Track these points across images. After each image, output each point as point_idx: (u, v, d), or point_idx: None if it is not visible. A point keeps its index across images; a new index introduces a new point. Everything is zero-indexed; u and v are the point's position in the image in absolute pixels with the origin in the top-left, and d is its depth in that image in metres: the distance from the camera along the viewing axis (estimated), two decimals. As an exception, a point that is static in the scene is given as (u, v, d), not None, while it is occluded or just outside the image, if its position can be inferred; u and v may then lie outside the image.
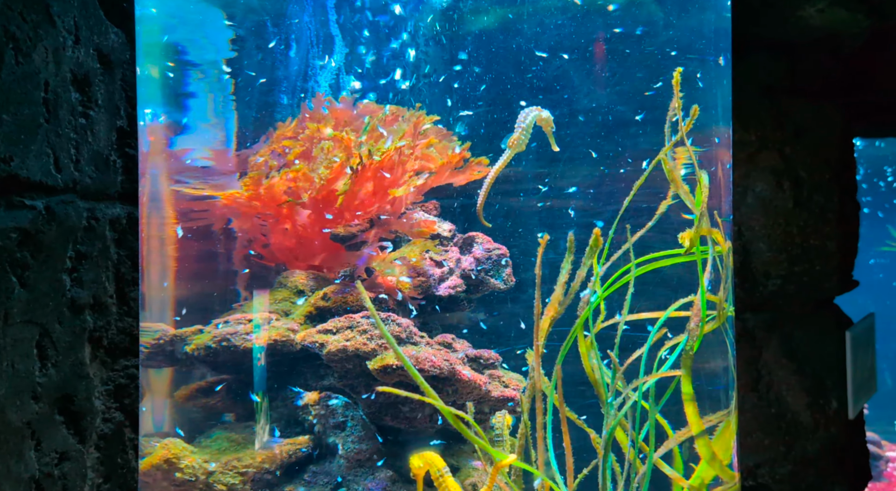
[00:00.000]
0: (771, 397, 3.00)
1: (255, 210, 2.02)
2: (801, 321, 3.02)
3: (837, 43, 2.94)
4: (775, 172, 2.97)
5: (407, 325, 1.80)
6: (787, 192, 2.98)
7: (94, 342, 1.97)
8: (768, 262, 3.01)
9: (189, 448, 1.81)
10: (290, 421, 1.89)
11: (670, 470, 1.86)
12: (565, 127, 2.28)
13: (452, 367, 1.71)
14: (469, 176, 2.03)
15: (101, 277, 1.97)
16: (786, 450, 2.97)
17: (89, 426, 1.92)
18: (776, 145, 2.97)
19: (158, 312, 1.99)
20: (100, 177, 1.95)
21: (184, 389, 2.01)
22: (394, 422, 1.81)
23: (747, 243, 3.03)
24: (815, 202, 3.02)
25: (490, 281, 2.06)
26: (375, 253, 1.96)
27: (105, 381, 2.02)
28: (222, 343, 1.83)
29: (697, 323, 1.76)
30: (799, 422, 2.97)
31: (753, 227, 3.01)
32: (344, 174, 1.91)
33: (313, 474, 1.82)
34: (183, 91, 1.99)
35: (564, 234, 1.72)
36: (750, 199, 3.02)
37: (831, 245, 3.04)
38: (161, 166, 1.99)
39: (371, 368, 1.73)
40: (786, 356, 3.01)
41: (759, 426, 2.97)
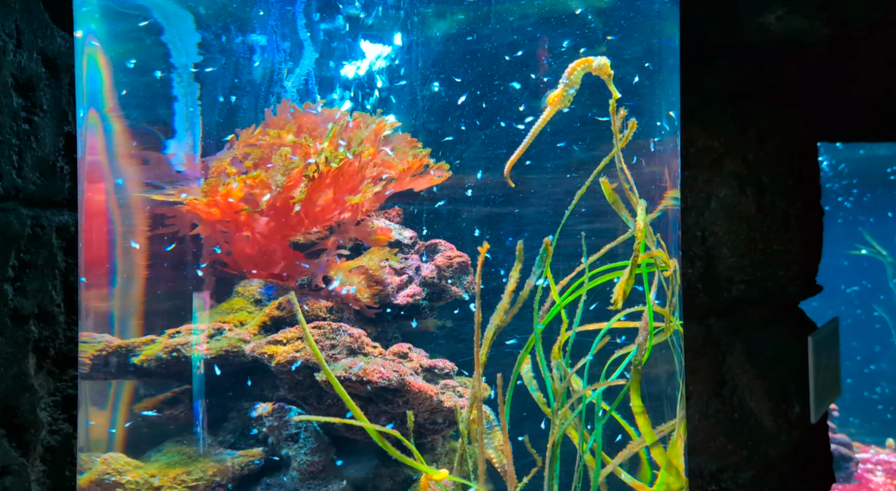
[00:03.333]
0: (734, 402, 3.01)
1: (214, 217, 1.97)
2: (765, 326, 3.04)
3: (799, 50, 2.97)
4: (739, 178, 2.99)
5: (359, 335, 1.77)
6: (751, 197, 3.00)
7: (40, 353, 1.91)
8: (732, 267, 3.03)
9: (133, 462, 1.76)
10: (244, 433, 1.85)
11: (630, 478, 1.85)
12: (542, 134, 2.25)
13: (402, 378, 1.68)
14: (429, 181, 2.01)
15: (46, 286, 1.91)
16: (749, 455, 2.99)
17: (33, 439, 1.87)
18: (740, 151, 2.99)
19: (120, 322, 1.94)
20: (45, 183, 1.90)
21: (147, 401, 1.96)
22: (348, 433, 1.78)
23: (711, 249, 3.04)
24: (777, 208, 3.04)
25: (451, 289, 2.03)
26: (333, 261, 1.92)
27: (52, 392, 1.96)
28: (173, 354, 1.78)
29: (646, 336, 1.75)
30: (762, 426, 2.99)
31: (717, 233, 3.02)
32: (301, 181, 1.87)
33: (267, 487, 1.78)
34: (171, 94, 1.95)
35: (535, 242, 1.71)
36: (714, 205, 3.03)
37: (794, 250, 3.07)
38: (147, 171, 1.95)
39: (320, 380, 1.70)
40: (749, 361, 3.03)
41: (722, 431, 2.98)
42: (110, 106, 1.91)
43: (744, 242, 3.00)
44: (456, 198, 2.12)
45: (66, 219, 1.98)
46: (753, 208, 3.01)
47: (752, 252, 3.01)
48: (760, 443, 2.97)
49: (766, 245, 3.04)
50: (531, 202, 2.21)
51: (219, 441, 1.83)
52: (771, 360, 3.02)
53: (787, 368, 3.01)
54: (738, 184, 3.00)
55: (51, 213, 1.93)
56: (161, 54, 1.97)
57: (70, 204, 2.00)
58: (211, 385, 1.84)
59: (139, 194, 1.89)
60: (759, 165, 3.01)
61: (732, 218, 3.00)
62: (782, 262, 3.03)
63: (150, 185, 1.93)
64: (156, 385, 1.92)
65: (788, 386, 3.00)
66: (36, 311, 1.88)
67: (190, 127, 1.99)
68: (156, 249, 1.94)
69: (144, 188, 1.92)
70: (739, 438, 2.96)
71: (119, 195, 1.93)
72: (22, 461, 1.83)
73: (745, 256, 3.01)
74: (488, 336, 1.52)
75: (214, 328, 1.83)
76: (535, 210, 2.21)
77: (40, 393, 1.90)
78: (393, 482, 1.88)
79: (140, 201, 1.94)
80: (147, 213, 1.93)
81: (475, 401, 1.49)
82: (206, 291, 1.99)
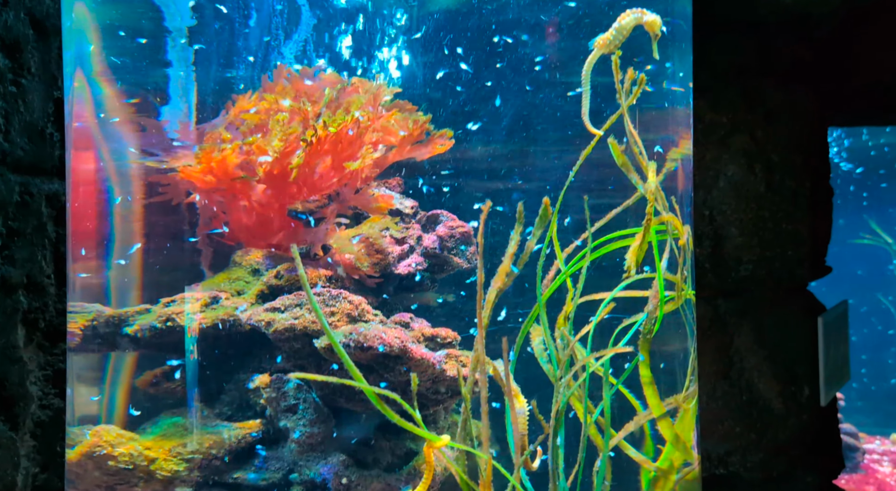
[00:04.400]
0: (742, 385, 2.95)
1: (210, 184, 1.91)
2: (773, 307, 2.98)
3: (809, 24, 2.90)
4: (747, 155, 2.93)
5: (359, 303, 1.71)
6: (759, 175, 2.93)
7: (29, 325, 1.85)
8: (740, 247, 2.96)
9: (127, 435, 1.70)
10: (242, 404, 1.79)
11: (635, 453, 1.79)
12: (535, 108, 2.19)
13: (403, 344, 1.62)
14: (432, 150, 1.94)
15: (36, 255, 1.85)
16: (757, 437, 2.93)
17: (23, 413, 1.81)
18: (748, 128, 2.93)
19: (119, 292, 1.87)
20: (34, 150, 1.83)
21: (147, 374, 1.89)
22: (348, 404, 1.72)
23: (719, 228, 2.98)
24: (786, 187, 2.98)
25: (454, 260, 1.97)
26: (332, 230, 1.86)
27: (42, 366, 1.90)
28: (167, 323, 1.72)
29: (656, 305, 1.69)
30: (771, 409, 2.93)
31: (725, 212, 2.96)
32: (299, 147, 1.81)
33: (264, 460, 1.72)
34: (164, 59, 1.88)
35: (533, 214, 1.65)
36: (722, 183, 2.96)
37: (803, 230, 3.00)
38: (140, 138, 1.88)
39: (318, 347, 1.63)
40: (757, 343, 2.97)
41: (730, 414, 2.92)
42: (99, 70, 1.85)
43: (752, 222, 2.94)
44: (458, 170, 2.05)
45: (57, 188, 1.92)
46: (762, 187, 2.94)
47: (760, 232, 2.95)
48: (769, 426, 2.90)
49: (775, 224, 2.97)
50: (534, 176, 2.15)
51: (215, 413, 1.77)
52: (779, 342, 2.96)
53: (796, 350, 2.94)
54: (747, 162, 2.93)
55: (40, 181, 1.87)
56: (153, 17, 1.90)
57: (60, 173, 1.94)
58: (207, 356, 1.77)
59: (132, 161, 1.82)
60: (768, 143, 2.95)
61: (741, 196, 2.93)
62: (791, 242, 2.97)
63: (143, 152, 1.86)
64: (151, 358, 1.86)
65: (797, 368, 2.94)
66: (25, 281, 1.82)
67: (184, 93, 1.93)
68: (151, 219, 1.88)
69: (137, 155, 1.86)
70: (748, 420, 2.90)
71: (111, 163, 1.87)
72: (11, 436, 1.77)
73: (753, 236, 2.95)
74: (490, 298, 1.46)
75: (210, 297, 1.77)
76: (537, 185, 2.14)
77: (30, 366, 1.84)
78: (393, 456, 1.82)
79: (133, 169, 1.87)
80: (142, 181, 1.87)
81: (478, 364, 1.42)
82: (204, 262, 1.93)
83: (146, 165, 1.89)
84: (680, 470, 1.86)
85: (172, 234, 1.90)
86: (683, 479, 1.91)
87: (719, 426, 2.90)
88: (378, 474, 1.75)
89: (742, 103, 2.90)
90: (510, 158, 2.14)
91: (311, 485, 1.70)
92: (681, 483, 1.90)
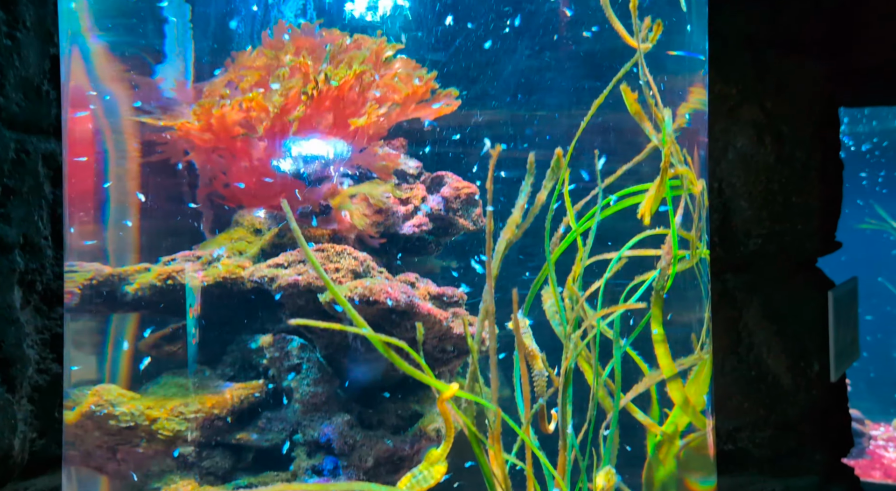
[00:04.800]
0: (751, 360, 2.91)
1: (209, 143, 1.87)
2: (783, 282, 2.93)
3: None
4: (756, 127, 2.88)
5: (364, 259, 1.67)
6: (769, 147, 2.88)
7: (26, 286, 1.81)
8: (749, 220, 2.92)
9: (128, 394, 1.67)
10: (244, 365, 1.75)
11: (642, 416, 1.74)
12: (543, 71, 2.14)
13: (411, 299, 1.57)
14: (437, 111, 1.90)
15: (32, 215, 1.80)
16: (766, 413, 2.88)
17: (20, 375, 1.76)
18: (757, 99, 2.88)
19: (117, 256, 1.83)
20: (30, 107, 1.79)
21: (150, 336, 1.84)
22: (352, 365, 1.68)
23: (728, 201, 2.93)
24: (797, 159, 2.93)
25: (459, 221, 1.92)
26: (335, 189, 1.82)
27: (40, 329, 1.86)
28: (168, 281, 1.68)
29: (669, 260, 1.64)
30: (780, 385, 2.89)
31: (734, 184, 2.91)
32: (300, 101, 1.76)
33: (268, 420, 1.68)
34: (160, 15, 1.83)
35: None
36: (731, 155, 2.92)
37: (813, 204, 2.95)
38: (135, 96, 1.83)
39: (322, 301, 1.59)
40: (767, 318, 2.92)
41: (738, 389, 2.88)
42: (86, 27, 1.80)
43: (762, 194, 2.89)
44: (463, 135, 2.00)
45: (53, 147, 1.88)
46: (772, 159, 2.89)
47: (770, 204, 2.90)
48: (778, 402, 2.86)
49: (785, 197, 2.92)
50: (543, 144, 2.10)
51: (217, 374, 1.73)
52: (789, 317, 2.91)
53: (805, 325, 2.90)
54: (756, 133, 2.89)
55: (36, 140, 1.83)
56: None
57: (57, 132, 1.90)
58: (209, 316, 1.73)
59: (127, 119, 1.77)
60: (778, 114, 2.90)
61: (750, 169, 2.89)
62: (801, 215, 2.92)
63: (137, 110, 1.81)
64: (152, 320, 1.82)
65: (807, 344, 2.89)
66: (21, 241, 1.78)
67: (181, 51, 1.87)
68: (148, 179, 1.83)
69: (132, 114, 1.81)
70: (757, 396, 2.86)
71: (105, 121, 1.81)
72: (8, 398, 1.73)
73: (762, 209, 2.90)
74: (500, 249, 1.42)
75: (212, 255, 1.73)
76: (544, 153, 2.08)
77: (27, 329, 1.80)
78: (398, 418, 1.78)
79: (129, 128, 1.82)
80: (137, 141, 1.82)
81: (487, 315, 1.38)
82: (205, 224, 1.89)
83: (142, 124, 1.84)
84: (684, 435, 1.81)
85: (171, 196, 1.86)
86: (688, 446, 1.86)
87: (728, 402, 2.86)
88: (383, 435, 1.71)
89: (752, 73, 2.85)
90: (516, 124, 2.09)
91: (315, 445, 1.66)
92: (685, 450, 1.86)
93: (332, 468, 1.63)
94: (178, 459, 1.64)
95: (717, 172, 2.87)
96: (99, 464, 1.66)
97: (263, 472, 1.69)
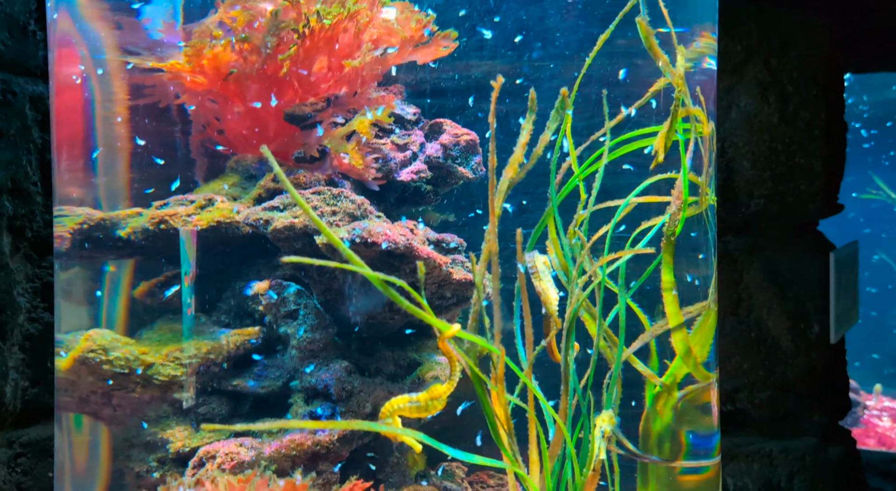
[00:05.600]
0: (751, 321, 2.89)
1: (201, 86, 1.81)
2: (784, 244, 2.91)
3: (828, -53, 2.79)
4: (761, 85, 2.83)
5: (361, 202, 1.63)
6: (773, 106, 2.84)
7: (15, 232, 1.76)
8: (752, 180, 2.88)
9: (123, 339, 1.63)
10: (240, 312, 1.72)
11: (642, 366, 1.72)
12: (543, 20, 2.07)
13: (410, 242, 1.54)
14: (434, 52, 1.84)
15: (20, 159, 1.75)
16: (765, 375, 2.87)
17: (10, 322, 1.73)
18: (762, 56, 2.82)
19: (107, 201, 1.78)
20: (16, 46, 1.73)
21: (144, 284, 1.79)
22: (350, 312, 1.65)
23: (731, 161, 2.89)
24: (801, 118, 2.88)
25: (458, 170, 1.88)
26: (330, 132, 1.77)
27: (30, 278, 1.82)
28: (160, 225, 1.64)
29: (679, 205, 1.60)
30: (779, 346, 2.87)
31: (737, 144, 2.87)
32: (292, 41, 1.71)
33: (264, 367, 1.65)
34: None
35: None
36: (734, 115, 2.87)
37: (817, 164, 2.91)
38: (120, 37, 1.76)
39: (319, 243, 1.55)
40: (767, 280, 2.90)
41: (738, 350, 2.87)
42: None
43: (765, 154, 2.85)
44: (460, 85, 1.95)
45: (41, 90, 1.82)
46: (776, 118, 2.85)
47: (773, 165, 2.86)
48: (777, 363, 2.85)
49: (788, 157, 2.88)
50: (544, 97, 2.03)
51: (213, 320, 1.70)
52: (789, 278, 2.89)
53: (806, 287, 2.88)
54: (761, 91, 2.84)
55: (24, 81, 1.77)
56: None
57: (44, 75, 1.84)
58: (203, 262, 1.70)
59: (114, 59, 1.71)
60: (783, 72, 2.85)
61: (753, 128, 2.84)
62: (804, 176, 2.88)
63: (124, 51, 1.75)
64: (146, 267, 1.78)
65: (807, 305, 2.88)
66: (9, 185, 1.73)
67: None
68: (137, 123, 1.78)
69: (118, 54, 1.75)
70: (756, 357, 2.85)
71: (89, 61, 1.75)
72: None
73: (765, 169, 2.86)
74: (502, 189, 1.38)
75: (206, 199, 1.68)
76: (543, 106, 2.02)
77: (17, 277, 1.76)
78: (396, 365, 1.75)
79: (115, 69, 1.76)
80: (125, 83, 1.77)
81: (490, 255, 1.35)
82: (198, 171, 1.84)
83: (129, 67, 1.78)
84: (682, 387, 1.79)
85: (163, 141, 1.80)
86: (686, 398, 1.84)
87: (727, 363, 2.85)
88: (381, 382, 1.68)
89: (757, 30, 2.80)
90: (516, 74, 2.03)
91: (313, 392, 1.63)
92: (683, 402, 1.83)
93: (329, 415, 1.61)
94: (174, 406, 1.61)
95: (720, 132, 2.82)
96: (94, 410, 1.64)
97: (261, 419, 1.67)
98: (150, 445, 1.63)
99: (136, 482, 1.63)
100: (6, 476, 1.74)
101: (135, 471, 1.64)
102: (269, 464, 1.51)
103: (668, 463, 1.84)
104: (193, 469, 1.55)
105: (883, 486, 3.64)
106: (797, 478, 2.87)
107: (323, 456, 1.59)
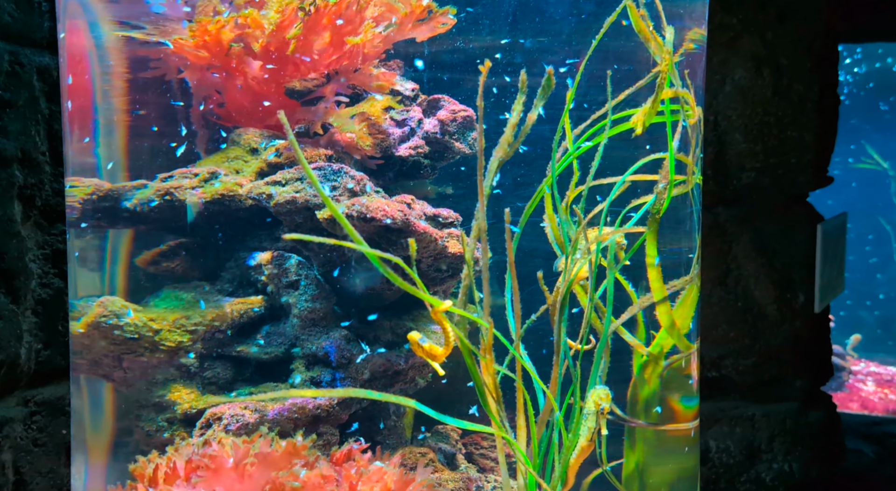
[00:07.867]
0: (738, 291, 2.97)
1: (204, 60, 1.85)
2: (774, 215, 2.97)
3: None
4: (755, 58, 2.85)
5: (360, 178, 1.68)
6: (767, 79, 2.87)
7: (26, 201, 1.82)
8: (744, 153, 2.93)
9: (131, 306, 1.71)
10: (242, 282, 1.79)
11: (630, 337, 1.80)
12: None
13: (407, 217, 1.60)
14: (433, 28, 1.87)
15: (29, 129, 1.80)
16: (751, 343, 2.97)
17: (23, 287, 1.80)
18: (758, 29, 2.84)
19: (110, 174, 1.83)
20: (23, 18, 1.76)
21: (147, 252, 1.86)
22: (350, 283, 1.72)
23: (723, 134, 2.94)
24: (794, 91, 2.92)
25: (455, 145, 1.93)
26: (332, 108, 1.82)
27: (41, 244, 1.89)
28: (165, 197, 1.70)
29: (666, 185, 1.66)
30: (765, 315, 2.96)
31: (730, 117, 2.91)
32: (297, 19, 1.74)
33: (267, 335, 1.73)
34: None
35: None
36: (728, 88, 2.91)
37: (808, 137, 2.96)
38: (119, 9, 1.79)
39: (320, 218, 1.62)
40: (756, 251, 2.97)
41: (725, 319, 2.96)
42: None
43: (757, 127, 2.90)
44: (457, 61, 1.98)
45: (48, 61, 1.86)
46: (769, 91, 2.88)
47: (765, 138, 2.91)
48: (763, 331, 2.95)
49: (781, 130, 2.93)
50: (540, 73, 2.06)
51: (217, 289, 1.78)
52: (778, 249, 2.96)
53: (793, 257, 2.95)
54: (755, 65, 2.87)
55: (31, 52, 1.81)
56: None
57: (52, 46, 1.87)
58: (207, 233, 1.76)
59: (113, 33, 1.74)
60: (778, 46, 2.87)
61: (747, 101, 2.88)
62: (796, 148, 2.93)
63: (124, 24, 1.78)
64: (149, 236, 1.85)
65: (793, 275, 2.96)
66: (19, 154, 1.78)
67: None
68: (139, 96, 1.82)
69: (118, 28, 1.78)
70: (742, 326, 2.94)
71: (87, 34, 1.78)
72: (13, 308, 1.77)
73: (757, 142, 2.91)
74: (492, 168, 1.44)
75: (209, 173, 1.74)
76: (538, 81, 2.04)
77: (28, 244, 1.83)
78: (394, 334, 1.84)
79: (115, 42, 1.79)
80: (125, 56, 1.80)
81: (480, 232, 1.41)
82: (199, 141, 1.89)
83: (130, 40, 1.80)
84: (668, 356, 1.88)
85: (164, 114, 1.85)
86: (671, 366, 1.93)
87: (714, 331, 2.94)
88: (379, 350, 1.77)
89: (753, 2, 2.81)
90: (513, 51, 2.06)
91: (314, 358, 1.72)
92: (668, 370, 1.93)
93: (329, 381, 1.70)
94: (181, 369, 1.70)
95: (714, 105, 2.86)
96: (106, 372, 1.72)
97: (263, 383, 1.76)
98: (159, 406, 1.72)
99: (147, 441, 1.73)
100: (23, 432, 1.84)
101: (145, 430, 1.73)
102: (272, 426, 1.61)
103: (655, 426, 1.95)
104: (201, 429, 1.65)
105: (862, 447, 3.78)
106: (777, 440, 2.99)
107: (324, 419, 1.68)
